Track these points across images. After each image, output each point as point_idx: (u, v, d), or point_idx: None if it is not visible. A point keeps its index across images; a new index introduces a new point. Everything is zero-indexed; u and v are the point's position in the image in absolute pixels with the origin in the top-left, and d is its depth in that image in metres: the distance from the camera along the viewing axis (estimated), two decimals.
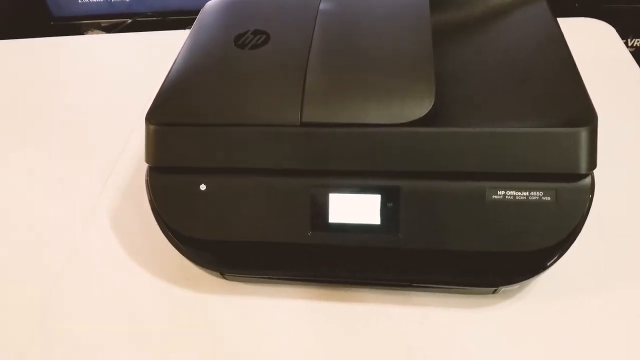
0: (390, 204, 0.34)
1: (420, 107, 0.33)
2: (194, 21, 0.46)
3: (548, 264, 0.33)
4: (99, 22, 1.05)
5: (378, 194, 0.34)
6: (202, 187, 0.35)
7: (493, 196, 0.32)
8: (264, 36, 0.40)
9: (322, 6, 0.42)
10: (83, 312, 0.39)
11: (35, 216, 0.47)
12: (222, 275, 0.38)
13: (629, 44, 0.75)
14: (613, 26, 0.62)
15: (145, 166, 0.37)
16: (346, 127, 0.33)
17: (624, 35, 0.74)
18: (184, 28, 0.88)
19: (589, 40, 0.59)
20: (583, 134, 0.31)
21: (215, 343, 0.36)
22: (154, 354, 0.36)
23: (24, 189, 0.50)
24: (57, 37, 0.73)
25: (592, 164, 0.32)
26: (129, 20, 0.97)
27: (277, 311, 0.38)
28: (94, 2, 1.00)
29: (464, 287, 0.36)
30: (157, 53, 0.65)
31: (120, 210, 0.46)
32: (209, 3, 0.48)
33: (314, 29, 0.40)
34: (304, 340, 0.36)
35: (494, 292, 0.36)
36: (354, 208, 0.34)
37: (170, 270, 0.41)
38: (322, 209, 0.34)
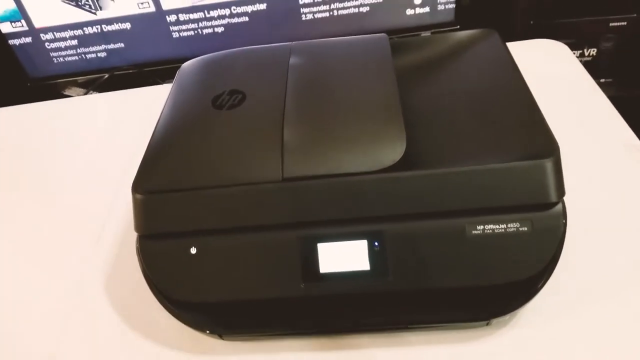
0: (377, 249, 0.35)
1: (394, 153, 0.34)
2: (170, 71, 0.48)
3: (537, 288, 0.34)
4: (75, 80, 1.06)
5: (364, 239, 0.35)
6: (193, 250, 0.36)
7: (473, 231, 0.34)
8: (240, 95, 0.42)
9: (291, 61, 0.44)
10: None
11: (24, 288, 0.47)
12: (220, 336, 0.38)
13: (586, 54, 0.79)
14: (569, 39, 0.65)
15: (133, 231, 0.37)
16: (326, 178, 0.35)
17: (580, 46, 0.78)
18: (161, 78, 0.90)
19: (545, 60, 0.62)
20: (547, 165, 0.33)
21: None
22: None
23: (8, 261, 0.49)
24: (33, 103, 0.73)
25: (561, 191, 0.33)
26: (106, 75, 0.99)
27: None
28: (70, 61, 1.01)
29: (459, 323, 0.37)
30: (136, 111, 0.66)
31: (111, 277, 0.46)
32: (185, 64, 0.50)
33: (286, 84, 0.41)
34: None
35: (487, 324, 0.37)
36: (343, 256, 0.35)
37: (166, 334, 0.40)
38: (312, 260, 0.35)
